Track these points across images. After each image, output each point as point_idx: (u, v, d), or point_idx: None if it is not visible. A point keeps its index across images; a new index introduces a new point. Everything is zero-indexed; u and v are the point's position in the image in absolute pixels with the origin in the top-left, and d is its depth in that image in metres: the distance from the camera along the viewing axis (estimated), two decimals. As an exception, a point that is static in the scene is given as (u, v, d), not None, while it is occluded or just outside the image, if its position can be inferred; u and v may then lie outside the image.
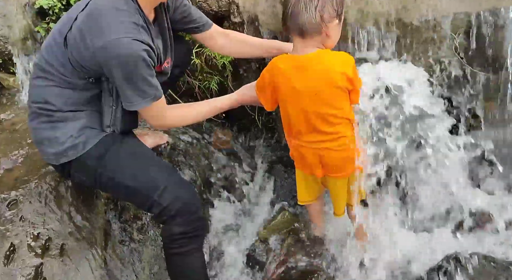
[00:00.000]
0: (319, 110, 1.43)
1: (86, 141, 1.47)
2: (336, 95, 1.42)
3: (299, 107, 1.46)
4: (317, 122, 1.45)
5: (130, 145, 1.54)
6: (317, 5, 1.37)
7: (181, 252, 1.50)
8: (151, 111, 1.47)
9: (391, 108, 1.62)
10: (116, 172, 1.48)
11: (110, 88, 1.47)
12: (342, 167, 1.52)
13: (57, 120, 1.48)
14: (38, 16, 2.22)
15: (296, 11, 1.38)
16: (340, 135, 1.47)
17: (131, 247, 1.77)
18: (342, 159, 1.50)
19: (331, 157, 1.49)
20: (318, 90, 1.41)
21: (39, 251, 1.46)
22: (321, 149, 1.49)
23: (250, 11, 1.97)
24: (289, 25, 1.41)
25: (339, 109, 1.44)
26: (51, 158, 1.52)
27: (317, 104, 1.43)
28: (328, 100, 1.42)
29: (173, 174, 1.58)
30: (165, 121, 1.55)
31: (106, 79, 1.45)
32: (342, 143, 1.47)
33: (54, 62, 1.45)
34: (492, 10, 1.62)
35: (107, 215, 1.77)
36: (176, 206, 1.46)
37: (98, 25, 1.35)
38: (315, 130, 1.47)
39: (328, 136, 1.46)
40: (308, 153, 1.52)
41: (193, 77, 2.18)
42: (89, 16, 1.38)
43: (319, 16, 1.37)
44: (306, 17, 1.37)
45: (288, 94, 1.47)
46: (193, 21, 1.70)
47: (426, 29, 1.70)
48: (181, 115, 1.62)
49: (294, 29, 1.41)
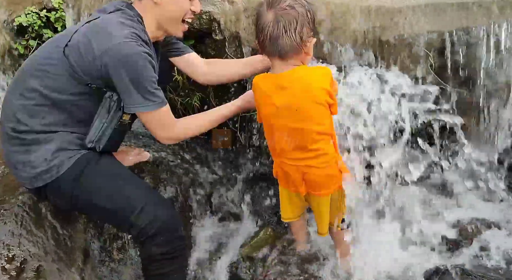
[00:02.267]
0: (301, 126, 1.43)
1: (61, 164, 1.45)
2: (317, 110, 1.43)
3: (281, 125, 1.46)
4: (299, 138, 1.46)
5: (106, 166, 1.52)
6: (296, 27, 1.34)
7: (162, 273, 1.48)
8: (158, 119, 1.46)
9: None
10: (92, 194, 1.46)
11: (110, 105, 1.46)
12: (325, 185, 1.52)
13: (30, 143, 1.46)
14: (17, 33, 2.20)
15: (275, 35, 1.35)
16: (321, 152, 1.47)
17: (111, 267, 1.74)
18: (324, 177, 1.51)
19: (313, 174, 1.50)
20: (298, 107, 1.41)
21: (14, 273, 1.42)
22: (304, 166, 1.49)
23: (231, 28, 1.99)
24: (268, 49, 1.39)
25: (321, 125, 1.45)
26: (25, 182, 1.49)
27: (298, 120, 1.43)
28: (309, 116, 1.43)
29: (151, 193, 1.56)
30: (173, 131, 1.52)
31: (109, 96, 1.45)
32: (324, 160, 1.48)
33: (44, 75, 1.44)
34: (465, 29, 1.67)
35: (86, 234, 1.74)
36: (155, 226, 1.44)
37: (104, 31, 1.39)
38: (298, 147, 1.47)
39: (311, 153, 1.47)
40: (291, 171, 1.52)
41: (175, 94, 2.18)
42: (95, 25, 1.43)
43: (299, 38, 1.36)
44: (286, 41, 1.35)
45: (270, 113, 1.47)
46: (175, 44, 1.75)
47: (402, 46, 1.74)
48: (188, 126, 1.57)
49: (273, 52, 1.39)
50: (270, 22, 1.35)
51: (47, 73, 1.44)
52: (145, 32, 1.47)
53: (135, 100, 1.40)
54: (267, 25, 1.35)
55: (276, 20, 1.34)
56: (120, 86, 1.40)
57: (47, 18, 2.18)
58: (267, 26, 1.35)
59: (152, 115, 1.44)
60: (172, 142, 1.58)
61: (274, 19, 1.35)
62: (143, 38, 1.43)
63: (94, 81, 1.43)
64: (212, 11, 1.99)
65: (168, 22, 1.52)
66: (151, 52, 1.43)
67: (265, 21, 1.35)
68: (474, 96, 1.71)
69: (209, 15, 1.99)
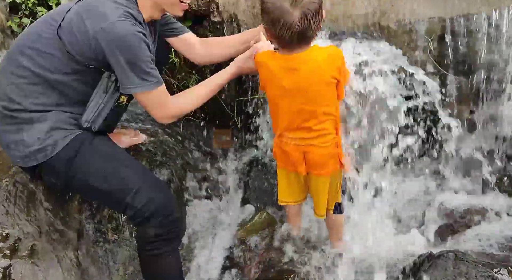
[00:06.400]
0: (308, 108, 1.45)
1: (55, 143, 1.43)
2: (326, 91, 1.45)
3: (288, 105, 1.47)
4: (306, 119, 1.47)
5: (101, 146, 1.50)
6: (319, 12, 1.37)
7: (156, 254, 1.48)
8: (155, 98, 1.44)
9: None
10: (87, 175, 1.45)
11: (108, 85, 1.44)
12: (325, 164, 1.54)
13: (23, 121, 1.43)
14: (10, 11, 2.16)
15: (305, 29, 1.35)
16: (325, 132, 1.49)
17: (106, 248, 1.74)
18: (325, 156, 1.52)
19: (315, 153, 1.51)
20: (308, 88, 1.43)
21: (8, 252, 1.42)
22: (305, 145, 1.51)
23: (229, 10, 1.97)
24: (290, 41, 1.38)
25: (328, 106, 1.47)
26: (18, 161, 1.47)
27: (306, 101, 1.45)
28: (318, 97, 1.45)
29: (146, 175, 1.55)
30: (169, 110, 1.50)
31: (108, 76, 1.43)
32: (326, 140, 1.50)
33: (35, 53, 1.41)
34: (465, 15, 1.66)
35: (81, 215, 1.73)
36: (150, 208, 1.44)
37: (96, 10, 1.36)
38: (303, 127, 1.49)
39: (315, 133, 1.49)
40: (292, 150, 1.53)
41: (171, 76, 2.15)
42: (88, 4, 1.39)
43: (321, 19, 1.39)
44: (313, 28, 1.37)
45: (277, 93, 1.48)
46: (172, 24, 1.73)
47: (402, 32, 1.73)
48: (184, 101, 1.55)
49: (297, 42, 1.39)
50: (298, 20, 1.34)
51: (39, 52, 1.41)
52: (138, 11, 1.44)
53: (131, 81, 1.38)
54: (296, 24, 1.35)
55: (305, 16, 1.34)
56: (116, 67, 1.38)
57: (41, -4, 2.15)
58: (296, 24, 1.35)
59: (148, 95, 1.43)
60: (170, 120, 1.56)
61: (302, 15, 1.34)
62: (136, 17, 1.41)
63: (90, 61, 1.41)
64: (210, -7, 1.96)
65: (165, 2, 1.49)
66: (145, 32, 1.41)
67: (292, 20, 1.34)
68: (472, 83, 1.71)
69: (207, -4, 1.96)
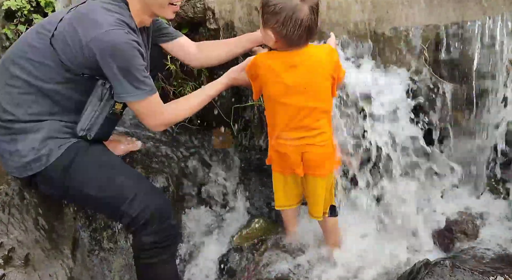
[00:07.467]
0: (309, 105, 1.47)
1: (50, 153, 1.43)
2: (324, 87, 1.48)
3: (289, 103, 1.48)
4: (304, 117, 1.49)
5: (97, 155, 1.50)
6: (317, 10, 1.41)
7: (152, 262, 1.47)
8: (147, 107, 1.44)
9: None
10: (83, 184, 1.44)
11: (102, 93, 1.44)
12: (323, 164, 1.55)
13: (16, 132, 1.43)
14: (6, 18, 2.15)
15: (313, 24, 1.40)
16: (322, 130, 1.51)
17: (101, 256, 1.73)
18: (323, 155, 1.54)
19: (313, 153, 1.53)
20: (307, 84, 1.46)
21: (1, 261, 1.40)
22: (303, 145, 1.52)
23: (226, 18, 1.96)
24: (298, 39, 1.41)
25: (325, 102, 1.50)
26: (14, 171, 1.47)
27: (307, 98, 1.47)
28: (317, 93, 1.48)
29: (142, 182, 1.55)
30: (163, 118, 1.50)
31: (102, 83, 1.43)
32: (323, 138, 1.52)
33: (28, 63, 1.41)
34: (459, 23, 1.67)
35: (76, 223, 1.72)
36: (146, 216, 1.43)
37: (89, 18, 1.35)
38: (301, 126, 1.50)
39: (312, 132, 1.51)
40: (290, 151, 1.54)
41: (167, 83, 2.15)
42: (79, 13, 1.39)
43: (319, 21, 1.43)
44: (316, 25, 1.41)
45: (278, 91, 1.49)
46: (165, 29, 1.73)
47: (397, 39, 1.74)
48: (176, 112, 1.56)
49: (303, 39, 1.42)
50: (308, 15, 1.38)
51: (31, 61, 1.41)
52: (131, 17, 1.44)
53: (125, 89, 1.38)
54: (307, 19, 1.38)
55: (312, 11, 1.39)
56: (109, 75, 1.38)
57: (37, 3, 2.14)
58: (307, 20, 1.38)
59: (141, 103, 1.43)
60: (162, 128, 1.61)
61: (311, 10, 1.38)
62: (129, 24, 1.40)
63: (83, 70, 1.40)
64: (206, 0, 1.96)
65: (154, 4, 1.47)
66: (138, 39, 1.41)
67: (303, 15, 1.38)
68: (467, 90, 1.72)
69: (203, 3, 1.96)
